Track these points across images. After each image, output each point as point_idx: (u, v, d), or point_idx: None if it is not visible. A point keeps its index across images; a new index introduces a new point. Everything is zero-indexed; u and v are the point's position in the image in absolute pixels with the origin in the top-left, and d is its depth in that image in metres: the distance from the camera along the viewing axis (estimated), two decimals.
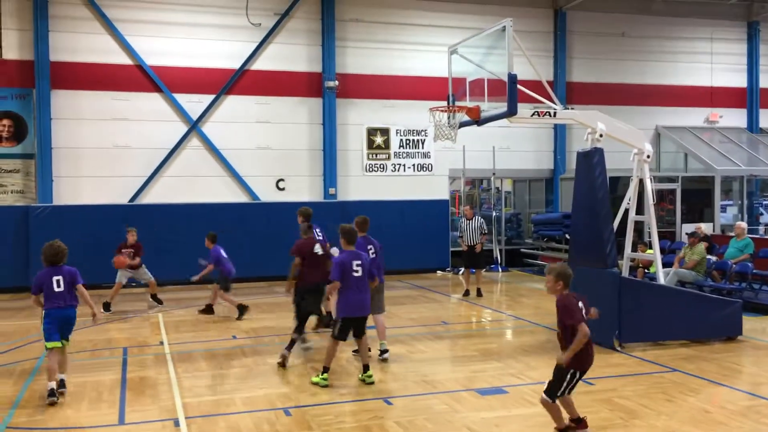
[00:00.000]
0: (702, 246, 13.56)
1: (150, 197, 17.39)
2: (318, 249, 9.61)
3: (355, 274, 8.02)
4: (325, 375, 8.07)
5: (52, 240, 8.08)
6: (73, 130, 16.93)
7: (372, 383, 8.12)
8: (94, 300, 8.36)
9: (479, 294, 14.65)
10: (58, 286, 7.80)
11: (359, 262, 8.09)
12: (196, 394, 7.84)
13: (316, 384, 8.05)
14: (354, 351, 9.15)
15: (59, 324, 7.80)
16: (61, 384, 7.89)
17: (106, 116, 17.12)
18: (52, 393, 7.54)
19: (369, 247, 9.31)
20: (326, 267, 9.22)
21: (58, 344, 7.76)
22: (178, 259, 15.52)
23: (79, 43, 16.98)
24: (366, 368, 8.21)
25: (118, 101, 17.18)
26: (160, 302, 13.80)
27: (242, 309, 12.50)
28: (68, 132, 16.89)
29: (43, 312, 7.82)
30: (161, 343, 10.60)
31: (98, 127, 17.06)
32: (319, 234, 11.51)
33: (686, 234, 14.05)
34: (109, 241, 15.78)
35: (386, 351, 9.38)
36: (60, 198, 16.76)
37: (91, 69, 17.05)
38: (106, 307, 13.15)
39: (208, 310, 12.86)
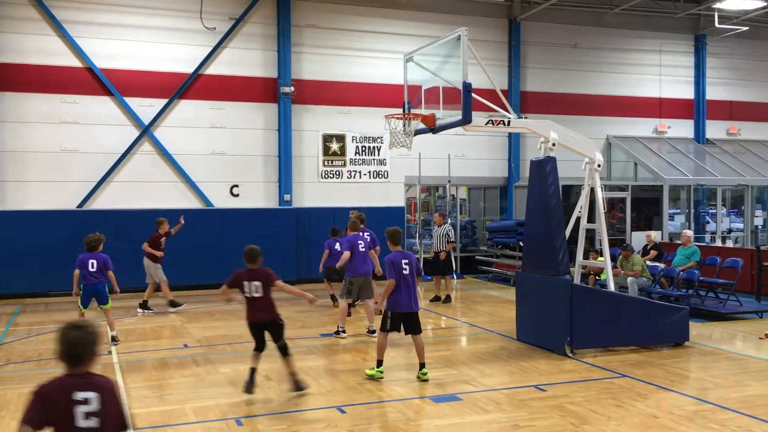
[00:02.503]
0: (638, 256, 14.03)
1: (99, 203, 17.00)
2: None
3: (404, 272, 8.48)
4: (381, 368, 8.67)
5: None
6: (20, 134, 16.47)
7: (426, 380, 8.51)
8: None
9: (447, 300, 14.85)
10: (92, 267, 10.55)
11: (407, 260, 8.54)
12: (146, 405, 7.67)
13: (371, 377, 8.62)
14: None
15: (89, 295, 10.62)
16: (113, 339, 10.74)
17: (54, 119, 16.69)
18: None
19: (359, 242, 11.18)
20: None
21: (83, 309, 10.62)
22: (128, 266, 15.18)
23: (27, 44, 16.54)
24: (422, 366, 8.64)
25: (66, 104, 16.78)
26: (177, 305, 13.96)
27: None
28: (15, 135, 16.43)
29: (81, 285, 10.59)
30: (110, 352, 10.35)
31: (46, 130, 16.63)
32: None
33: (621, 248, 14.40)
34: (57, 247, 15.47)
35: (374, 331, 10.83)
36: (6, 203, 16.27)
37: (39, 71, 16.61)
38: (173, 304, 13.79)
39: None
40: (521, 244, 15.58)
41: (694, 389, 8.40)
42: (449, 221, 16.26)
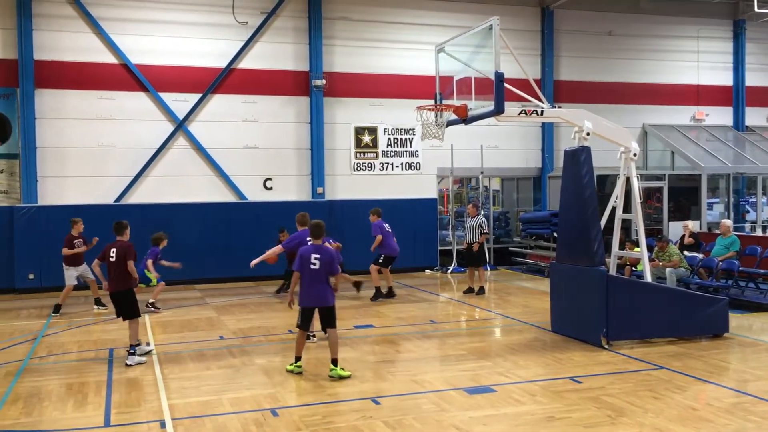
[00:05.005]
0: (674, 246, 13.79)
1: (136, 197, 17.26)
2: None
3: (312, 267, 8.39)
4: (299, 363, 8.64)
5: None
6: (58, 130, 16.78)
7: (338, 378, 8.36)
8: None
9: (480, 291, 14.79)
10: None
11: (318, 256, 8.44)
12: (183, 396, 7.78)
13: (290, 371, 8.61)
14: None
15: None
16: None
17: (91, 115, 16.98)
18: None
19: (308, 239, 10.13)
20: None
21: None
22: (164, 259, 15.39)
23: (64, 41, 16.83)
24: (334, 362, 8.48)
25: (103, 100, 17.05)
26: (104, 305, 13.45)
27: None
28: (53, 131, 16.74)
29: None
30: (148, 344, 10.51)
31: (83, 126, 16.92)
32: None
33: (656, 239, 14.17)
34: None
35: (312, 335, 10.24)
36: (45, 198, 16.61)
37: (76, 68, 16.90)
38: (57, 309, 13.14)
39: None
40: (555, 235, 15.44)
41: (733, 381, 8.25)
42: (482, 212, 16.19)
